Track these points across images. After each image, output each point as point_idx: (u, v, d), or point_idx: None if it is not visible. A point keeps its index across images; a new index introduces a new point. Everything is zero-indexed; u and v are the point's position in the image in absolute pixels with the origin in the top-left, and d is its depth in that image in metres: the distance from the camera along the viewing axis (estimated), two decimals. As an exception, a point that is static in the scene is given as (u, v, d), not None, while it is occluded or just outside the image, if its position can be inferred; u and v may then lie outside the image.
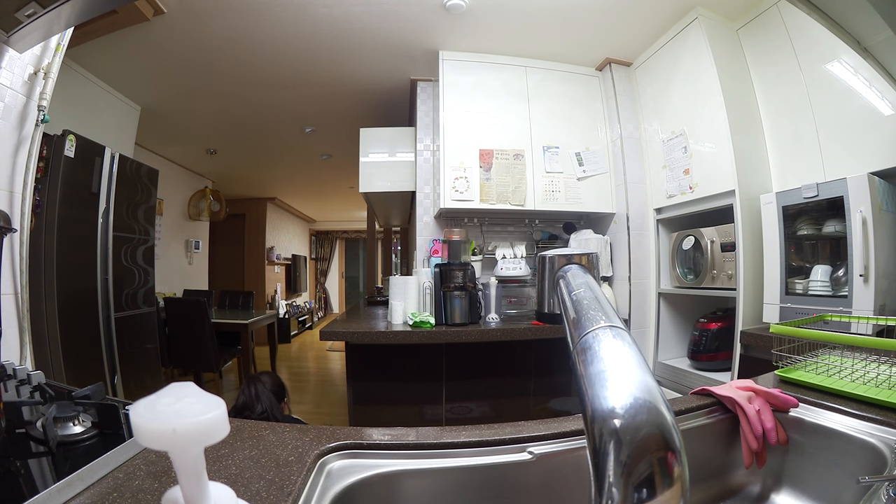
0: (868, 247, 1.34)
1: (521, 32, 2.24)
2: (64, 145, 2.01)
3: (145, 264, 2.70)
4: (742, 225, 1.78)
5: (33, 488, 0.47)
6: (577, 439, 0.64)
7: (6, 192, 1.24)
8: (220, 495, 0.32)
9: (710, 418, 0.73)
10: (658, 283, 2.29)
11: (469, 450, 0.62)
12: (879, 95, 1.45)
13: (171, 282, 4.36)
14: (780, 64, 1.80)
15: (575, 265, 0.48)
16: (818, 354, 0.91)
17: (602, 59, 2.49)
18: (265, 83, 2.81)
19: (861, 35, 1.19)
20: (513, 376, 2.18)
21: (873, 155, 1.46)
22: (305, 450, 0.59)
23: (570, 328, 0.35)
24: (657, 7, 2.01)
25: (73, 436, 0.61)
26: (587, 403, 0.27)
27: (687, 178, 2.07)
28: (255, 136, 3.89)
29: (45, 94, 1.31)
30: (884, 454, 0.60)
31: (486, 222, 2.61)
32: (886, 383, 0.75)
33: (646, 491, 0.22)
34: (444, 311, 2.07)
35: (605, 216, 2.52)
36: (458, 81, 2.39)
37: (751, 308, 1.76)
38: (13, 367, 0.85)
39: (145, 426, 0.25)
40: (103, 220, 2.32)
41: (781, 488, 0.71)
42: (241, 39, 2.28)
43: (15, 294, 1.25)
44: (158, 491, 0.48)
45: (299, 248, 8.25)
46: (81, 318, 2.18)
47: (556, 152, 2.43)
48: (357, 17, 2.10)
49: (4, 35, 1.10)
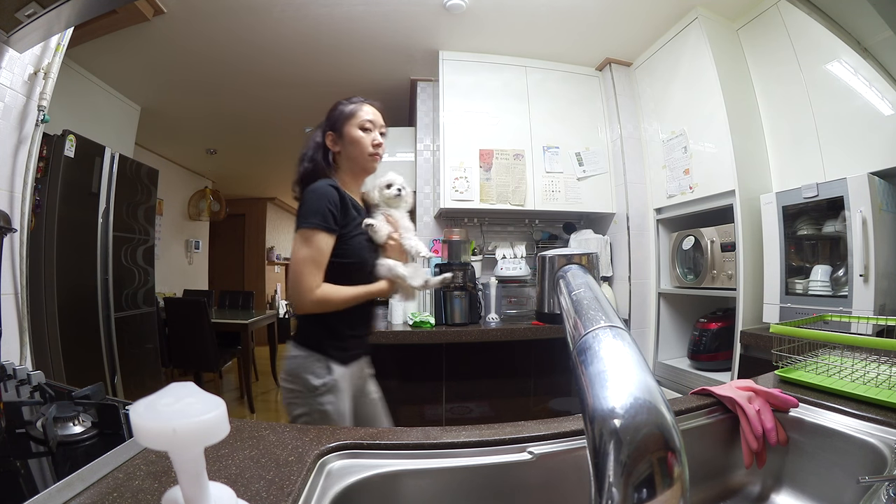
0: (868, 247, 1.34)
1: (521, 32, 2.24)
2: (64, 145, 2.01)
3: (145, 264, 2.70)
4: (742, 225, 1.78)
5: (33, 488, 0.47)
6: (577, 439, 0.64)
7: (6, 192, 1.24)
8: (220, 495, 0.32)
9: (710, 418, 0.73)
10: (658, 283, 2.29)
11: (469, 450, 0.62)
12: (879, 95, 1.45)
13: (171, 282, 4.35)
14: (780, 64, 1.80)
15: (575, 265, 0.48)
16: (818, 354, 0.91)
17: (602, 59, 2.49)
18: (265, 83, 2.81)
19: (861, 35, 1.19)
20: (513, 376, 2.18)
21: (873, 155, 1.46)
22: (305, 450, 0.59)
23: (570, 328, 0.35)
24: (657, 7, 2.01)
25: (73, 436, 0.61)
26: (587, 403, 0.27)
27: (687, 178, 2.07)
28: (255, 136, 3.88)
29: (45, 94, 1.31)
30: (884, 454, 0.60)
31: (486, 222, 2.61)
32: (886, 383, 0.75)
33: (646, 491, 0.22)
34: (444, 311, 2.07)
35: (605, 216, 2.52)
36: (459, 81, 2.39)
37: (751, 308, 1.76)
38: (13, 367, 0.85)
39: (145, 426, 0.25)
40: (103, 220, 2.32)
41: (781, 488, 0.71)
42: (242, 39, 2.28)
43: (15, 294, 1.25)
44: (158, 491, 0.48)
45: (299, 248, 8.22)
46: (81, 318, 2.18)
47: (556, 152, 2.43)
48: (357, 17, 2.09)
49: (4, 35, 1.10)
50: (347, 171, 1.12)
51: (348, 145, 1.08)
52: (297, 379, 1.02)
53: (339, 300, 1.02)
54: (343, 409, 1.03)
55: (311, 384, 1.00)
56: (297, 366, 1.03)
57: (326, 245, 0.99)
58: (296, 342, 1.06)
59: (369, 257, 1.10)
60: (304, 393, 1.01)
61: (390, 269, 1.10)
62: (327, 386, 1.01)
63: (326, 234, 0.99)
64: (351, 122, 1.08)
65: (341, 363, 1.04)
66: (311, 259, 0.98)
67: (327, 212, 0.99)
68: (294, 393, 1.02)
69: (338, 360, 1.04)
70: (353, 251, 1.05)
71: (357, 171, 1.12)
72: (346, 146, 1.09)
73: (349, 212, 1.05)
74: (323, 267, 0.99)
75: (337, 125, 1.09)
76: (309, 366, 1.02)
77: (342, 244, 1.03)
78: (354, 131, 1.08)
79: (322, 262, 0.99)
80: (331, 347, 1.04)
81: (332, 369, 1.02)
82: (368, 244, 1.10)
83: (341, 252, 1.03)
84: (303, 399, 1.01)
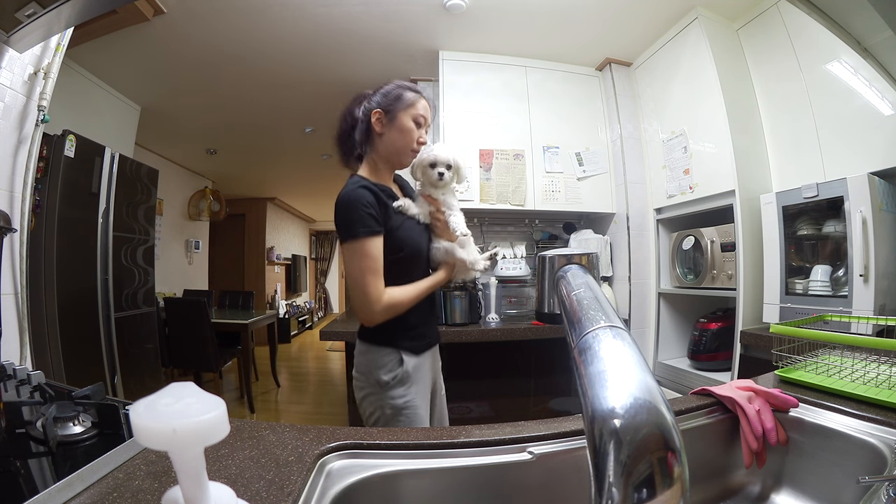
0: (868, 247, 1.34)
1: (521, 32, 2.24)
2: (64, 145, 2.01)
3: (145, 264, 2.70)
4: (742, 225, 1.78)
5: (33, 488, 0.47)
6: (577, 439, 0.64)
7: (6, 192, 1.24)
8: (220, 495, 0.32)
9: (710, 418, 0.73)
10: (658, 283, 2.29)
11: (469, 450, 0.62)
12: (879, 95, 1.45)
13: (171, 282, 4.35)
14: (780, 64, 1.80)
15: (575, 265, 0.48)
16: (818, 354, 0.91)
17: (602, 59, 2.48)
18: (265, 83, 2.81)
19: (861, 35, 1.19)
20: (513, 376, 2.18)
21: (873, 155, 1.46)
22: (305, 450, 0.59)
23: (570, 328, 0.35)
24: (657, 7, 2.01)
25: (73, 436, 0.61)
26: (587, 403, 0.27)
27: (687, 178, 2.07)
28: (255, 136, 3.88)
29: (45, 94, 1.31)
30: (884, 454, 0.60)
31: (486, 222, 2.61)
32: (886, 383, 0.75)
33: (646, 491, 0.22)
34: (444, 310, 2.07)
35: (605, 216, 2.52)
36: (459, 81, 2.39)
37: (751, 308, 1.76)
38: (13, 367, 0.85)
39: (145, 426, 0.25)
40: (103, 220, 2.32)
41: (781, 488, 0.71)
42: (242, 39, 2.28)
43: (15, 294, 1.25)
44: (158, 491, 0.48)
45: (299, 248, 8.25)
46: (81, 318, 2.18)
47: (556, 152, 2.43)
48: (357, 17, 2.09)
49: (4, 35, 1.10)
50: (382, 157, 1.05)
51: (395, 132, 1.01)
52: (368, 377, 0.98)
53: (406, 302, 0.98)
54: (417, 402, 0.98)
55: (382, 380, 0.97)
56: (367, 362, 0.99)
57: (377, 249, 0.95)
58: (362, 339, 1.02)
59: (422, 242, 1.05)
60: (376, 391, 0.97)
61: (447, 251, 1.05)
62: (398, 378, 0.97)
63: (373, 237, 0.94)
64: (408, 111, 1.01)
65: (413, 353, 1.00)
66: (368, 269, 0.93)
67: (365, 216, 0.93)
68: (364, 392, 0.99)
69: (410, 351, 0.99)
70: (404, 242, 1.00)
71: (393, 160, 1.06)
72: (393, 132, 1.01)
73: (386, 204, 0.99)
74: (381, 273, 0.95)
75: (391, 108, 1.01)
76: (378, 360, 0.98)
77: (391, 239, 0.98)
78: (407, 121, 1.01)
79: (378, 268, 0.94)
80: (402, 339, 0.99)
81: (403, 361, 0.98)
82: (419, 227, 1.05)
83: (393, 247, 0.98)
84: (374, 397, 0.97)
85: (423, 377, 1.01)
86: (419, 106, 1.02)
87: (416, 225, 1.04)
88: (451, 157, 1.08)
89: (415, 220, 1.04)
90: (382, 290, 0.94)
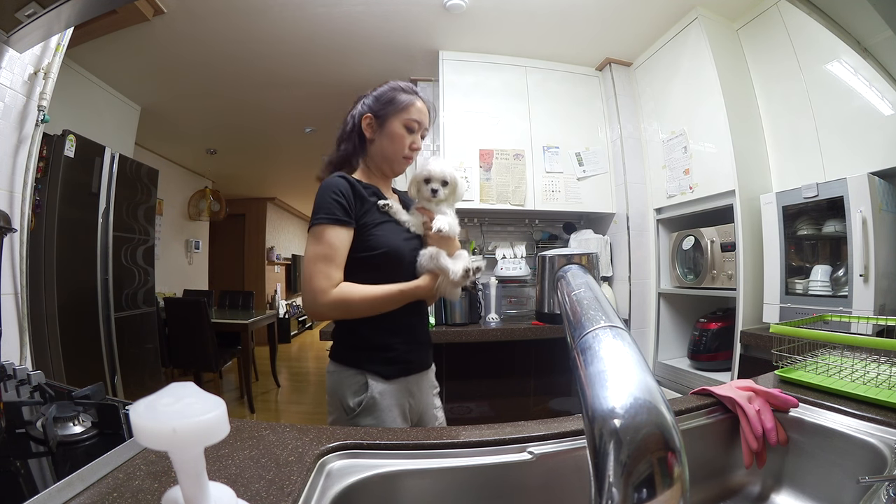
0: (868, 247, 1.34)
1: (521, 32, 2.24)
2: (64, 145, 2.01)
3: (145, 264, 2.70)
4: (742, 225, 1.78)
5: (33, 488, 0.47)
6: (577, 439, 0.64)
7: (6, 192, 1.24)
8: (220, 495, 0.32)
9: (710, 418, 0.73)
10: (658, 283, 2.29)
11: (469, 450, 0.61)
12: (879, 95, 1.45)
13: (171, 282, 4.35)
14: (780, 64, 1.80)
15: (575, 265, 0.48)
16: (818, 354, 0.91)
17: (602, 59, 2.48)
18: (265, 83, 2.81)
19: (861, 35, 1.19)
20: (513, 376, 2.18)
21: (873, 155, 1.46)
22: (305, 450, 0.59)
23: (570, 328, 0.35)
24: (657, 7, 2.01)
25: (73, 436, 0.61)
26: (587, 403, 0.27)
27: (687, 178, 2.07)
28: (255, 136, 3.89)
29: (45, 94, 1.31)
30: (884, 454, 0.60)
31: (486, 222, 2.61)
32: (886, 383, 0.75)
33: (646, 491, 0.22)
34: (444, 310, 2.07)
35: (605, 216, 2.52)
36: (458, 81, 2.39)
37: (751, 308, 1.76)
38: (13, 367, 0.85)
39: (145, 426, 0.25)
40: (103, 220, 2.32)
41: (781, 488, 0.71)
42: (242, 39, 2.28)
43: (15, 294, 1.25)
44: (158, 491, 0.48)
45: (299, 248, 8.23)
46: (81, 318, 2.18)
47: (556, 152, 2.43)
48: (357, 17, 2.09)
49: (4, 35, 1.10)
50: (374, 163, 1.00)
51: (385, 139, 0.96)
52: (333, 399, 0.89)
53: (361, 300, 0.87)
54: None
55: (348, 405, 0.87)
56: (333, 383, 0.90)
57: (338, 239, 0.86)
58: (331, 357, 0.94)
59: (403, 246, 0.93)
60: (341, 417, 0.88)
61: (431, 257, 0.93)
62: (363, 405, 0.86)
63: (335, 226, 0.86)
64: (399, 116, 0.95)
65: (382, 378, 0.89)
66: (320, 256, 0.84)
67: (331, 202, 0.86)
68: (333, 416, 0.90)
69: (378, 375, 0.89)
70: (380, 240, 0.90)
71: (385, 168, 1.00)
72: (382, 139, 0.96)
73: (366, 199, 0.92)
74: (336, 264, 0.86)
75: (381, 112, 0.95)
76: (344, 381, 0.89)
77: (365, 235, 0.89)
78: (398, 127, 0.95)
79: (333, 257, 0.85)
80: (369, 360, 0.89)
81: (369, 386, 0.87)
82: (405, 233, 0.96)
83: (366, 244, 0.89)
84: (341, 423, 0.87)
85: (393, 406, 0.89)
86: (412, 110, 0.95)
87: (402, 230, 0.96)
88: (446, 172, 1.00)
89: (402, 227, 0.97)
90: (334, 282, 0.85)
